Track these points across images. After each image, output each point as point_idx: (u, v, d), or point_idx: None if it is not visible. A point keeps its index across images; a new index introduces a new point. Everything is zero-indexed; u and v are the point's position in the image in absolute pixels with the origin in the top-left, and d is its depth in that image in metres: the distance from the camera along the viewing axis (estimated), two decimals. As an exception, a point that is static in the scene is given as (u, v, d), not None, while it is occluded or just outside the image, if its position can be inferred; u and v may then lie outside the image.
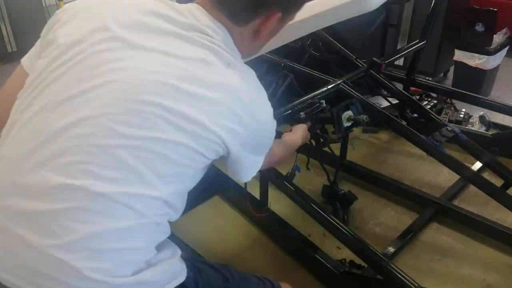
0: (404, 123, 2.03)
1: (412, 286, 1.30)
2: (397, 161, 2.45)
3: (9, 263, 0.76)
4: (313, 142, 1.87)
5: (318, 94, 1.89)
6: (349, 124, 1.69)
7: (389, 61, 2.26)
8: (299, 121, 1.58)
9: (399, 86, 2.29)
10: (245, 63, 0.91)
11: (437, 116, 2.10)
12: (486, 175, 2.01)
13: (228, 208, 2.12)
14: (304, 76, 2.20)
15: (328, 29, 2.34)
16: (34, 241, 0.74)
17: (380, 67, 2.16)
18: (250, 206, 1.81)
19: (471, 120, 2.87)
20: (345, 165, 2.29)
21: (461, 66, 3.82)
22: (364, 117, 1.65)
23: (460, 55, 3.77)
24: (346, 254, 1.76)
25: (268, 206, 1.86)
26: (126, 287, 0.78)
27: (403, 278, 1.33)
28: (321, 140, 1.80)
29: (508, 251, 1.80)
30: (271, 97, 0.94)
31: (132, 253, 0.80)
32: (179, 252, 0.92)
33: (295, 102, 1.83)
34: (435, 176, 2.30)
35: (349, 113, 1.69)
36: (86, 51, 0.81)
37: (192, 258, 1.04)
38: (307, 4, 1.36)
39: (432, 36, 2.65)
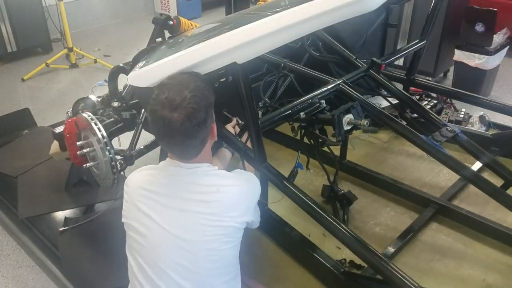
0: (404, 123, 2.03)
1: (412, 286, 1.30)
2: (397, 161, 2.45)
3: None
4: (313, 142, 1.87)
5: (318, 94, 1.89)
6: (349, 127, 1.69)
7: (389, 61, 2.26)
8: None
9: (399, 86, 2.29)
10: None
11: (437, 116, 2.10)
12: (486, 175, 2.01)
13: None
14: (304, 76, 2.20)
15: (328, 29, 2.34)
16: None
17: (380, 67, 2.16)
18: None
19: (471, 120, 2.87)
20: (345, 165, 2.29)
21: (461, 66, 3.82)
22: (365, 122, 1.65)
23: (460, 55, 3.78)
24: (346, 254, 1.76)
25: (276, 199, 1.86)
26: None
27: (403, 278, 1.33)
28: (320, 140, 1.81)
29: (508, 251, 1.80)
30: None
31: None
32: None
33: (295, 102, 1.83)
34: (435, 176, 2.29)
35: (350, 116, 1.69)
36: None
37: None
38: (307, 4, 1.36)
39: (432, 36, 2.64)
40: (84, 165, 1.82)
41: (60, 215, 2.26)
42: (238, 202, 1.33)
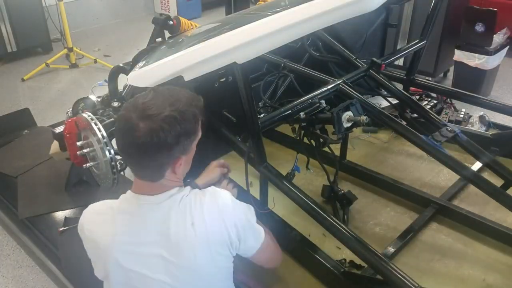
0: (404, 123, 2.03)
1: (412, 286, 1.30)
2: (397, 161, 2.45)
3: None
4: (313, 142, 1.87)
5: (318, 94, 1.89)
6: (349, 125, 1.69)
7: (389, 61, 2.26)
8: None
9: (399, 86, 2.29)
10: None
11: (437, 116, 2.10)
12: (486, 175, 2.01)
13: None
14: (304, 76, 2.20)
15: (328, 29, 2.34)
16: None
17: (380, 67, 2.16)
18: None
19: (471, 120, 2.87)
20: (345, 165, 2.29)
21: (461, 66, 3.83)
22: (364, 118, 1.65)
23: (460, 55, 3.78)
24: (346, 254, 1.76)
25: (268, 206, 1.86)
26: None
27: (403, 278, 1.33)
28: (321, 140, 1.81)
29: (508, 251, 1.80)
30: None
31: None
32: None
33: (295, 102, 1.83)
34: (435, 176, 2.29)
35: (349, 113, 1.68)
36: None
37: None
38: (307, 4, 1.36)
39: (432, 36, 2.65)
40: (84, 165, 1.82)
41: (60, 215, 2.26)
42: (217, 235, 1.21)
